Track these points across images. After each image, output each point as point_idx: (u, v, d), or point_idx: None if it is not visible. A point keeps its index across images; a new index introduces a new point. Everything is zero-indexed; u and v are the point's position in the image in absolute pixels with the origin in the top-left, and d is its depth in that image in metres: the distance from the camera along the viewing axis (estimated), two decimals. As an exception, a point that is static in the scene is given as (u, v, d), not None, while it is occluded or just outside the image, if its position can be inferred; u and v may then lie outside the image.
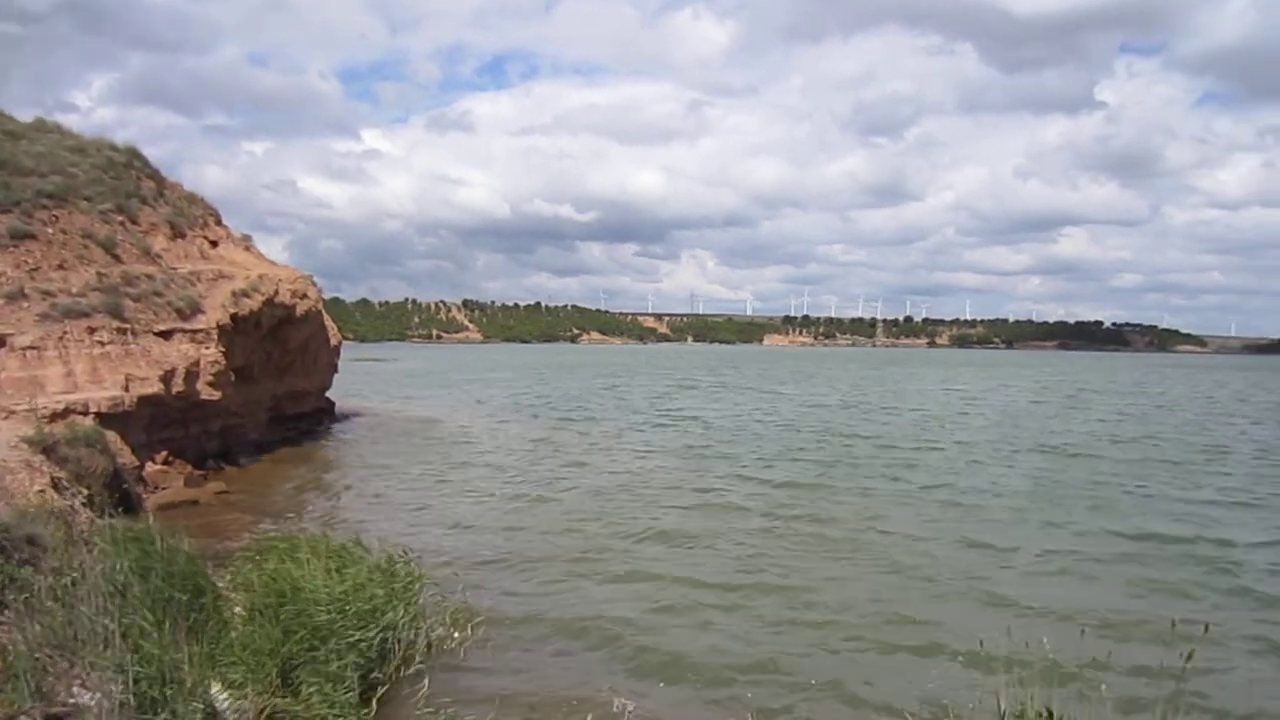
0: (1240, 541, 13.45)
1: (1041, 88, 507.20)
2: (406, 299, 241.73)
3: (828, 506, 15.58)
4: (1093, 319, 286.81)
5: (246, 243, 24.37)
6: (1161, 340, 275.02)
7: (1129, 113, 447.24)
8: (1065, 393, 51.63)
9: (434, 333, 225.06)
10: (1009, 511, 15.46)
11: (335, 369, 28.25)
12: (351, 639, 7.03)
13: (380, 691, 7.12)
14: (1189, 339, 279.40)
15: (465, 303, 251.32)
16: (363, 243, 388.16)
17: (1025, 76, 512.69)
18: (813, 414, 34.73)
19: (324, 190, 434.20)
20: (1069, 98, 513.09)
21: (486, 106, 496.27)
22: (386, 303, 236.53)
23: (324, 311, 25.98)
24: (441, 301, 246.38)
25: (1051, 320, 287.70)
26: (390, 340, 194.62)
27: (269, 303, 20.75)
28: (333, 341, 26.95)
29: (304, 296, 22.94)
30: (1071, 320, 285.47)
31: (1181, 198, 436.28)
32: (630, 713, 5.76)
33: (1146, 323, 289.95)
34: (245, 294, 19.82)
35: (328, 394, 28.08)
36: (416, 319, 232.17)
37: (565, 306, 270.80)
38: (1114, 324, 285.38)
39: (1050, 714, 5.21)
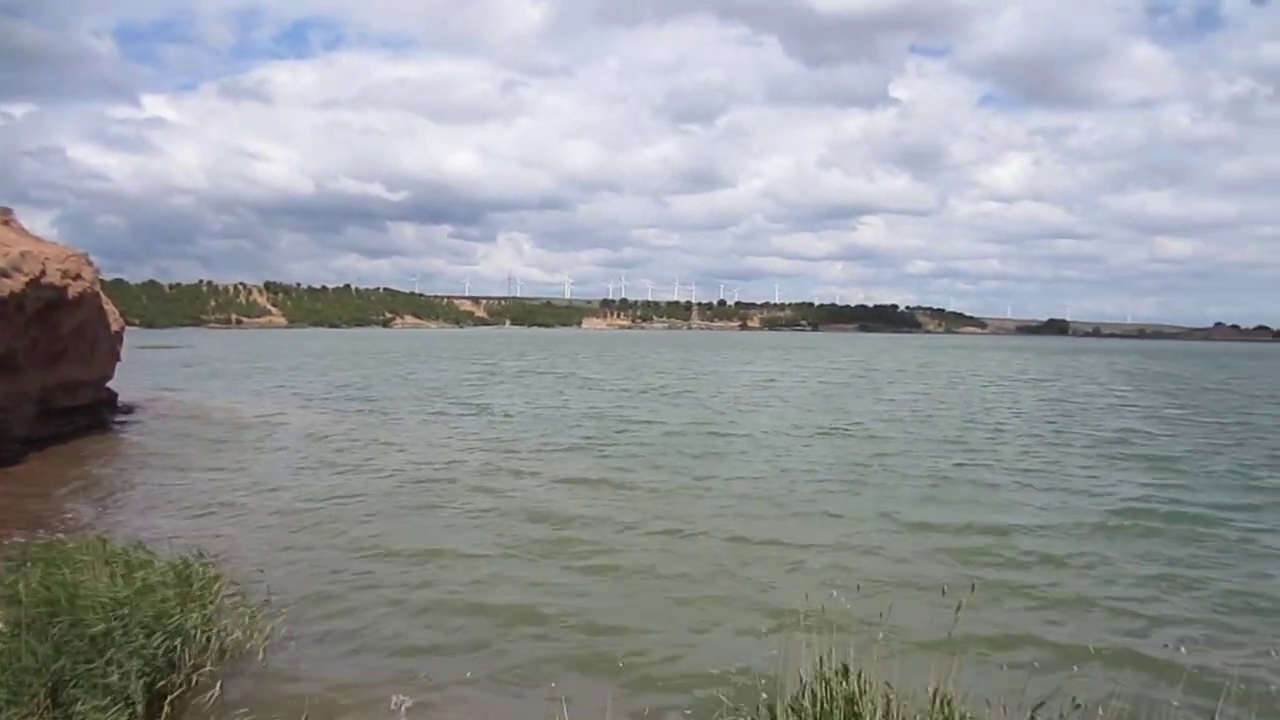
0: (1015, 518, 14.79)
1: (842, 83, 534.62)
2: (201, 281, 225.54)
3: (603, 503, 15.02)
4: (890, 303, 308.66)
5: (5, 216, 21.89)
6: (949, 322, 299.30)
7: (919, 110, 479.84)
8: (854, 373, 55.01)
9: (233, 317, 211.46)
10: (791, 500, 15.64)
11: (118, 357, 25.94)
12: (134, 647, 6.52)
13: (169, 700, 6.63)
14: (972, 321, 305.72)
15: (268, 285, 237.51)
16: (148, 219, 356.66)
17: (826, 71, 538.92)
18: (608, 399, 35.24)
19: (99, 160, 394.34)
20: (866, 93, 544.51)
21: (286, 76, 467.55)
22: (178, 285, 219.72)
23: (103, 294, 23.81)
24: (241, 284, 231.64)
25: (853, 304, 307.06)
26: (184, 326, 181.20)
27: (34, 284, 18.75)
28: (114, 327, 24.74)
29: (77, 277, 20.89)
30: (871, 304, 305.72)
31: (965, 191, 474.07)
32: (406, 709, 5.64)
33: (936, 306, 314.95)
34: (4, 274, 17.84)
35: (109, 385, 25.80)
36: (213, 302, 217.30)
37: (377, 289, 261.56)
38: (908, 307, 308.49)
39: (845, 669, 5.52)
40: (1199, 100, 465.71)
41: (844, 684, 5.44)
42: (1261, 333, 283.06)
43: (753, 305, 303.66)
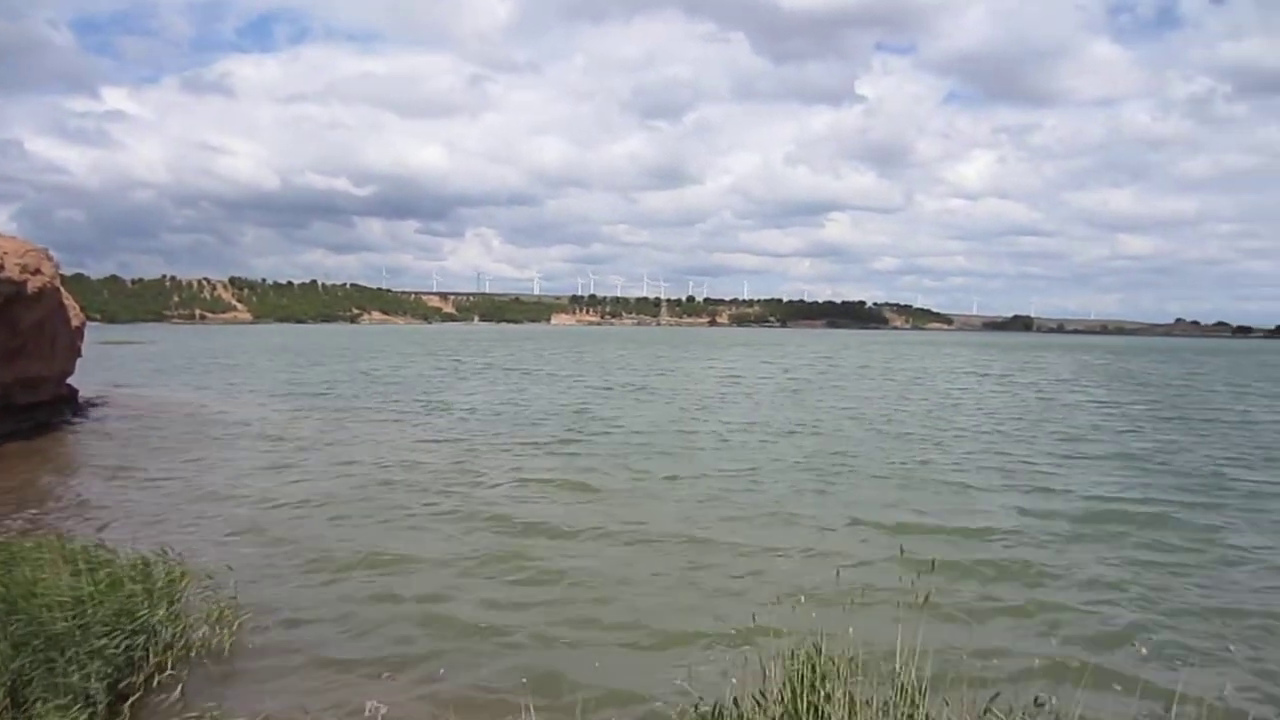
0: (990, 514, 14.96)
1: (808, 80, 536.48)
2: (164, 276, 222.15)
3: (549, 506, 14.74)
4: (857, 299, 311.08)
5: (-37, 211, 21.44)
6: (915, 318, 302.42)
7: (885, 107, 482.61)
8: (819, 370, 55.30)
9: (197, 313, 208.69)
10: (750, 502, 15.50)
11: (78, 353, 25.50)
12: (96, 646, 6.44)
13: (132, 700, 6.55)
14: (938, 317, 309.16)
15: (232, 280, 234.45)
16: (109, 214, 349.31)
17: (793, 68, 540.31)
18: (574, 396, 35.27)
19: (58, 153, 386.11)
20: (832, 90, 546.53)
21: (250, 70, 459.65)
22: (141, 280, 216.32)
23: (63, 289, 23.39)
24: (205, 279, 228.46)
25: (821, 300, 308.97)
26: (146, 321, 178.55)
27: (-7, 279, 18.43)
28: (74, 322, 24.33)
29: (37, 272, 20.51)
30: (839, 300, 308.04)
31: (930, 188, 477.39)
32: (383, 715, 5.60)
33: (903, 302, 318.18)
34: (-38, 269, 17.50)
35: (69, 381, 25.38)
36: (176, 298, 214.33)
37: (344, 285, 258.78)
38: (875, 304, 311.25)
39: (819, 649, 5.58)
40: (1159, 98, 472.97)
41: (812, 670, 5.49)
42: (1220, 329, 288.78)
43: (721, 301, 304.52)
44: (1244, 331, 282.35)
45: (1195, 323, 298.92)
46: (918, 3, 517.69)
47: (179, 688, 6.91)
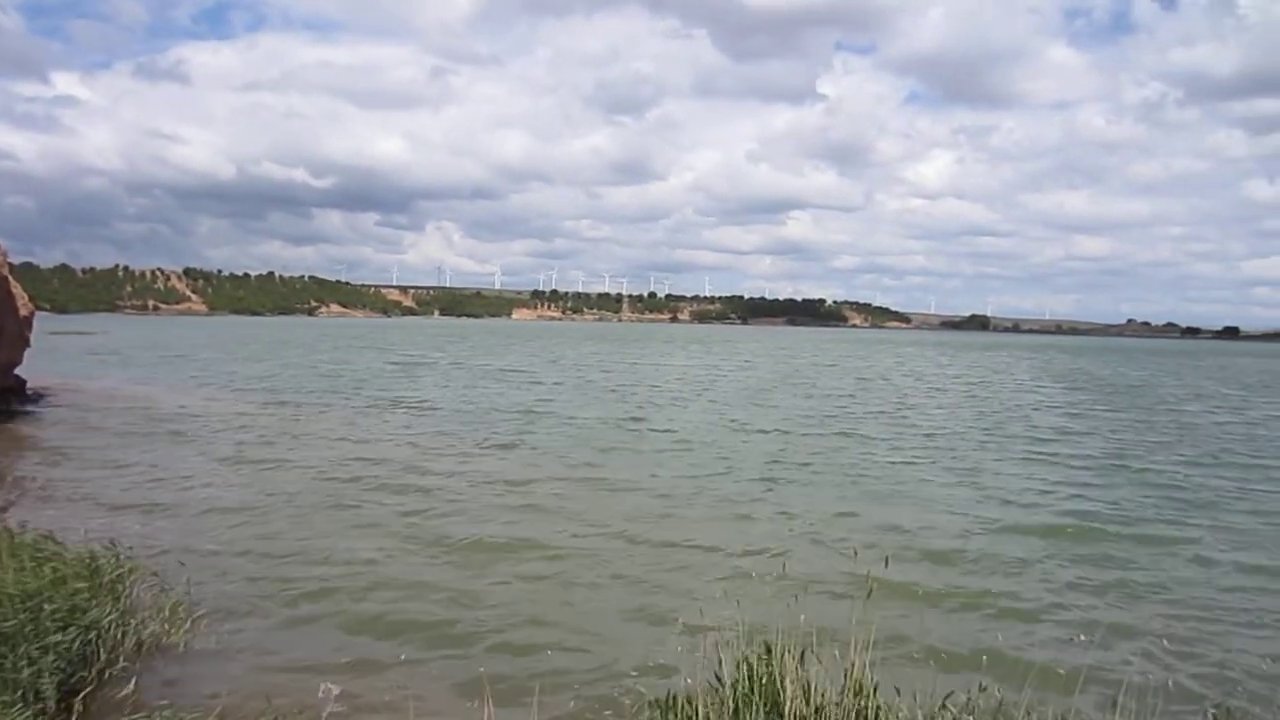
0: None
1: (770, 78, 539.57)
2: (117, 265, 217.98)
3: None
4: (817, 297, 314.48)
5: (-93, 196, 20.86)
6: (874, 317, 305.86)
7: (846, 106, 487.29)
8: (777, 368, 55.67)
9: (150, 304, 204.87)
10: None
11: (27, 343, 24.92)
12: (47, 642, 6.34)
13: (83, 695, 6.46)
14: (896, 316, 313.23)
15: (187, 271, 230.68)
16: (59, 201, 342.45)
17: (754, 65, 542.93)
18: (535, 394, 35.33)
19: (5, 139, 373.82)
20: (794, 89, 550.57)
21: (205, 57, 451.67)
22: (93, 269, 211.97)
23: (11, 278, 22.85)
24: (159, 269, 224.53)
25: (782, 298, 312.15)
26: (99, 311, 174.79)
27: (-62, 267, 17.97)
28: (23, 312, 23.77)
29: (-16, 260, 20.06)
30: (799, 298, 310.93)
31: (891, 187, 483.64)
32: (335, 697, 5.61)
33: (862, 301, 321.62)
34: (-94, 256, 17.03)
35: (17, 371, 24.81)
36: (129, 288, 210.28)
37: (302, 277, 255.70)
38: (835, 302, 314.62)
39: (769, 649, 5.67)
40: (1113, 102, 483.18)
41: (766, 665, 5.58)
42: (1170, 330, 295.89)
43: (683, 298, 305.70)
44: (1192, 333, 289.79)
45: (1146, 324, 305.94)
46: (878, 3, 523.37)
47: (131, 683, 6.83)
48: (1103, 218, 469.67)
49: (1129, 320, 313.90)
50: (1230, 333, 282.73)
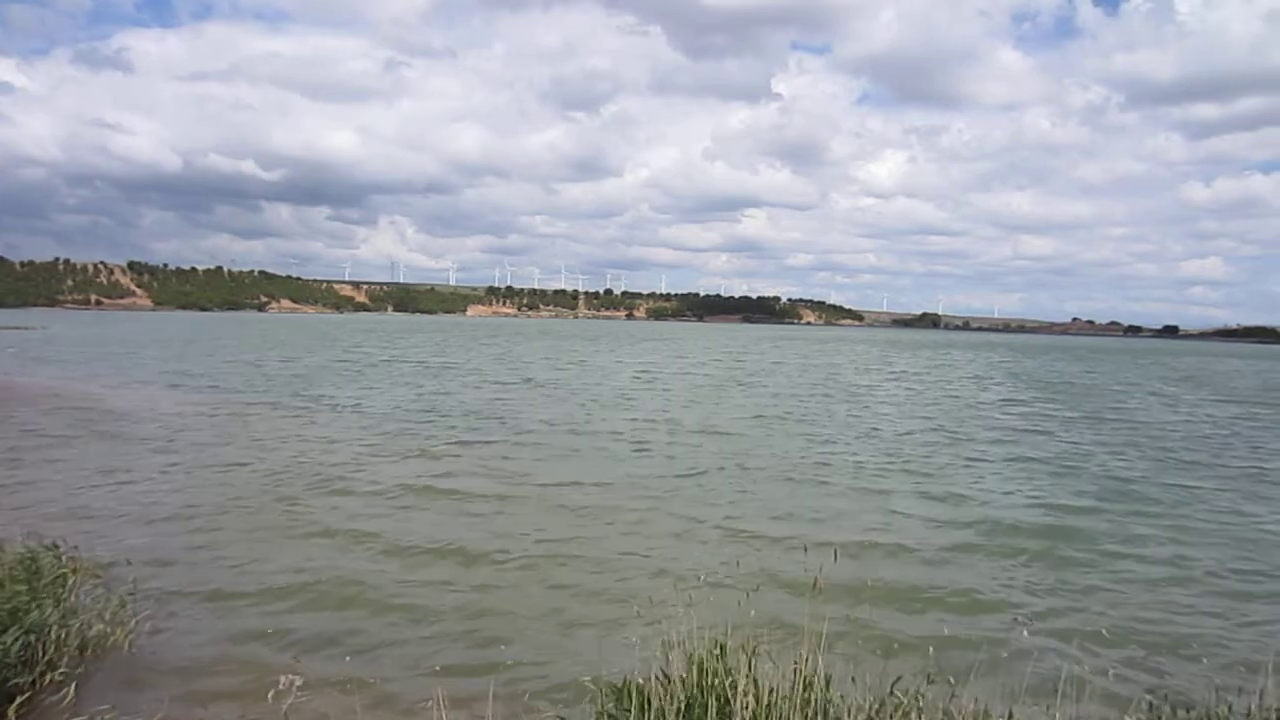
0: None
1: (725, 76, 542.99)
2: (57, 258, 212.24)
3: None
4: (772, 294, 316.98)
5: None
6: (828, 314, 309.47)
7: (800, 105, 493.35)
8: (729, 366, 55.97)
9: (93, 298, 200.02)
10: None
11: (-39, 338, 24.23)
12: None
13: (19, 701, 6.28)
14: (849, 313, 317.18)
15: (131, 265, 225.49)
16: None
17: (710, 63, 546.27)
18: (487, 394, 35.06)
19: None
20: (749, 87, 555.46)
21: (150, 45, 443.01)
22: (31, 262, 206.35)
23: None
24: (102, 262, 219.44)
25: (737, 295, 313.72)
26: (37, 305, 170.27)
27: None
28: (-43, 306, 23.08)
29: (-84, 253, 19.39)
30: (754, 296, 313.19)
31: (844, 186, 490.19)
32: (296, 688, 5.53)
33: (816, 298, 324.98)
34: None
35: (-49, 368, 24.09)
36: (70, 281, 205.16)
37: (251, 272, 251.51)
38: (789, 299, 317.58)
39: (722, 648, 5.71)
40: (1058, 105, 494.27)
41: (719, 662, 5.62)
42: (1113, 328, 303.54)
43: (639, 295, 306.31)
44: (1134, 331, 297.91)
45: (1090, 322, 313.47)
46: (832, 4, 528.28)
47: (71, 687, 6.66)
48: (1048, 218, 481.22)
49: (1074, 319, 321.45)
50: (1170, 331, 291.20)
